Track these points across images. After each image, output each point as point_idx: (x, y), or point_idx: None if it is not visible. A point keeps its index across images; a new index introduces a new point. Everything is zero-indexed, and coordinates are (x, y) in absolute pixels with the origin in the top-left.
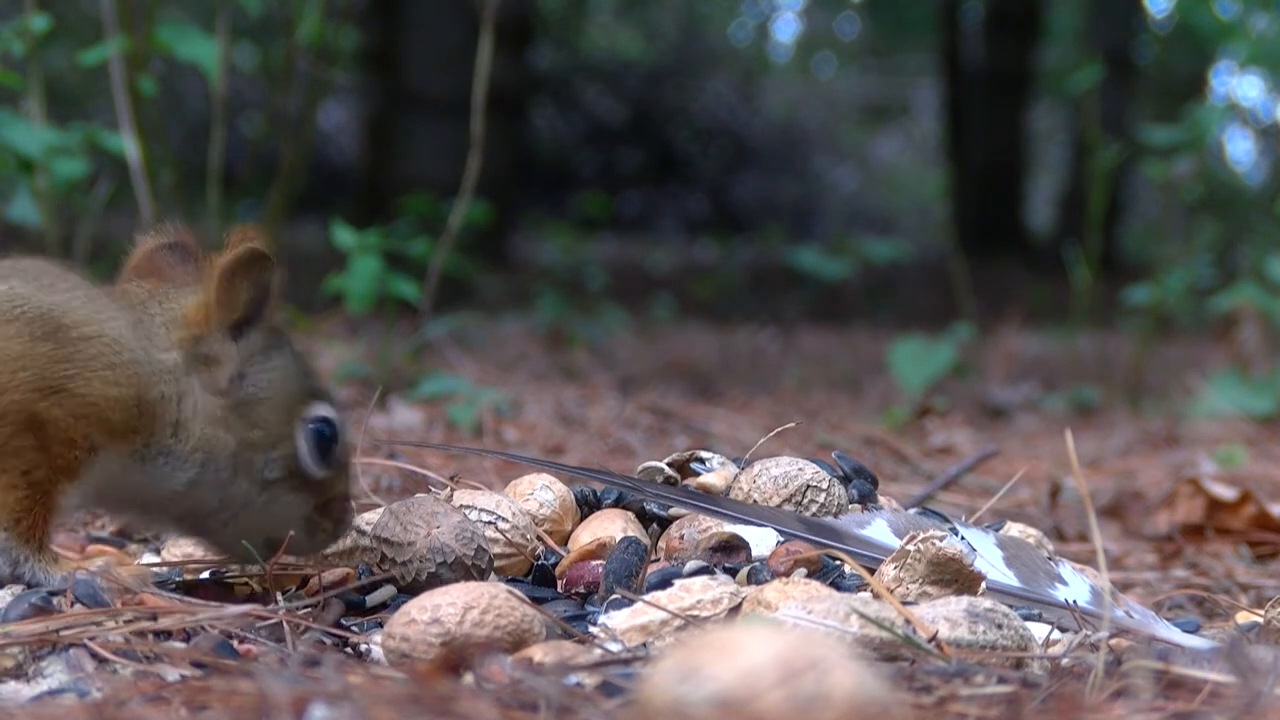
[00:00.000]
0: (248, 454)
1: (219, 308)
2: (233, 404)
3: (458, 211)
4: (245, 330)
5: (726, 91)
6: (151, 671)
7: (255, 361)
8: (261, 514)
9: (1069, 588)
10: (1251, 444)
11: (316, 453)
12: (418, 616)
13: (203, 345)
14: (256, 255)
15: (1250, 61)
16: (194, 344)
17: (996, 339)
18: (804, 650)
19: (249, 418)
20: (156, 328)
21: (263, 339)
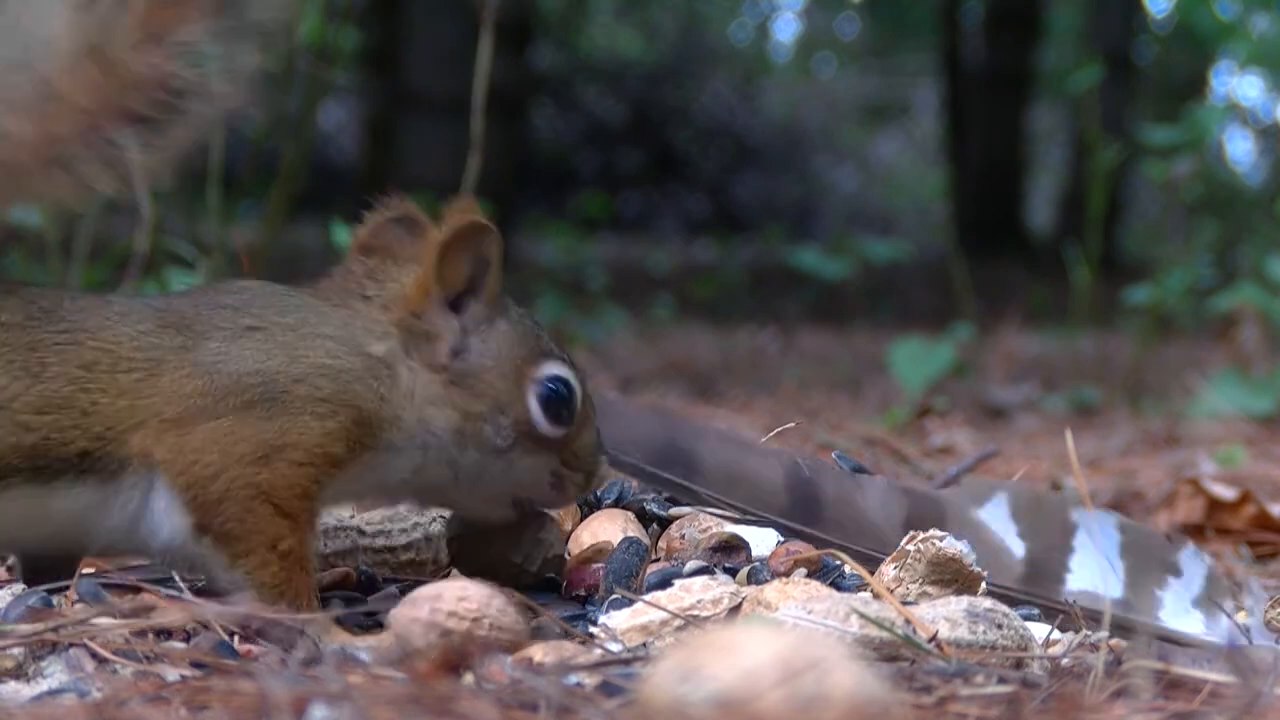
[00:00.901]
0: (474, 425)
1: (438, 282)
2: (454, 378)
3: None
4: (466, 302)
5: (726, 91)
6: (151, 671)
7: (477, 332)
8: (501, 479)
9: (1181, 580)
10: (1251, 444)
11: (548, 413)
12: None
13: (421, 322)
14: (475, 227)
15: (1250, 61)
16: (412, 321)
17: (996, 339)
18: (804, 650)
19: (472, 389)
20: (372, 314)
21: (484, 309)
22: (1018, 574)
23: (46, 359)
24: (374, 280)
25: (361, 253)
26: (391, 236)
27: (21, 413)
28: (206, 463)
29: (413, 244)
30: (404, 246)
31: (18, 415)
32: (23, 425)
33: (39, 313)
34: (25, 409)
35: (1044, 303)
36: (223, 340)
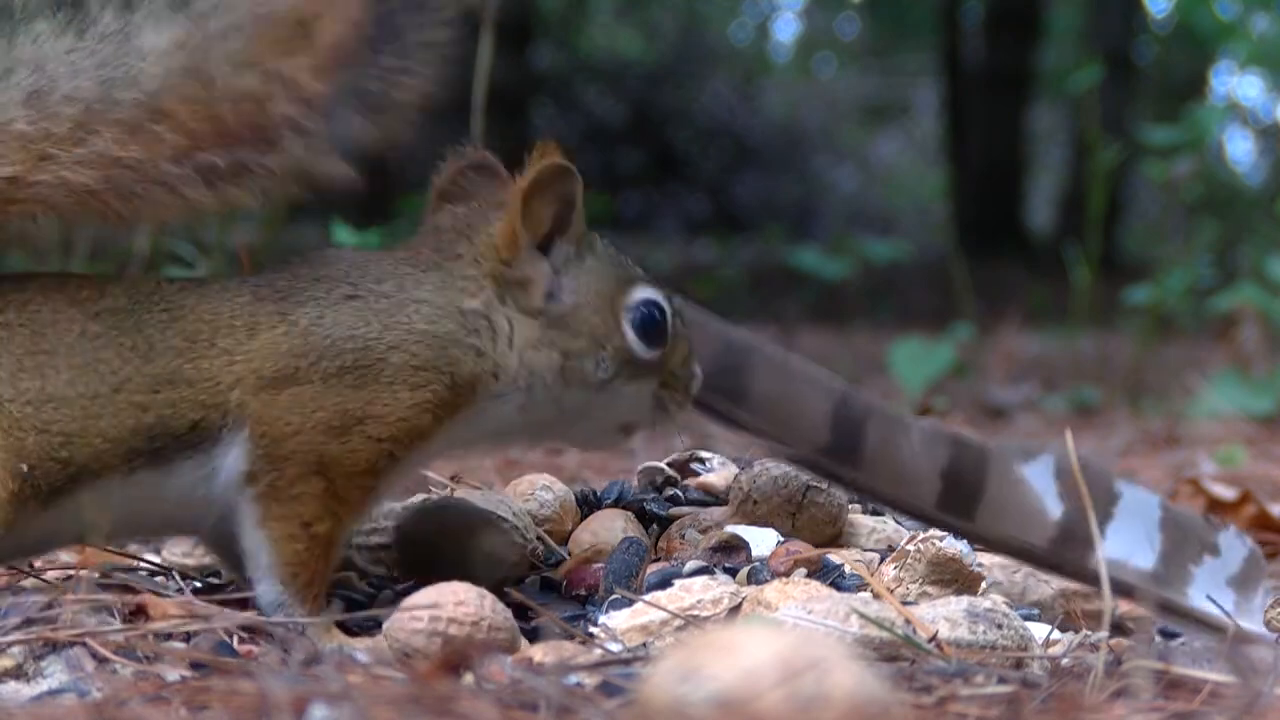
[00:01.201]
0: (575, 363)
1: (525, 228)
2: (551, 320)
3: None
4: (553, 244)
5: (726, 91)
6: (151, 671)
7: (567, 271)
8: (606, 410)
9: (1218, 559)
10: (1251, 444)
11: (644, 337)
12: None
13: (514, 269)
14: (556, 169)
15: (1250, 61)
16: (503, 270)
17: (996, 339)
18: (804, 650)
19: (570, 328)
20: (466, 268)
21: (571, 248)
22: (1050, 535)
23: (153, 338)
24: (462, 236)
25: (440, 199)
26: (468, 183)
27: (136, 393)
28: (287, 421)
29: (489, 190)
30: (481, 192)
31: (133, 396)
32: (139, 406)
33: (142, 296)
34: (139, 389)
35: (1044, 303)
36: (320, 306)
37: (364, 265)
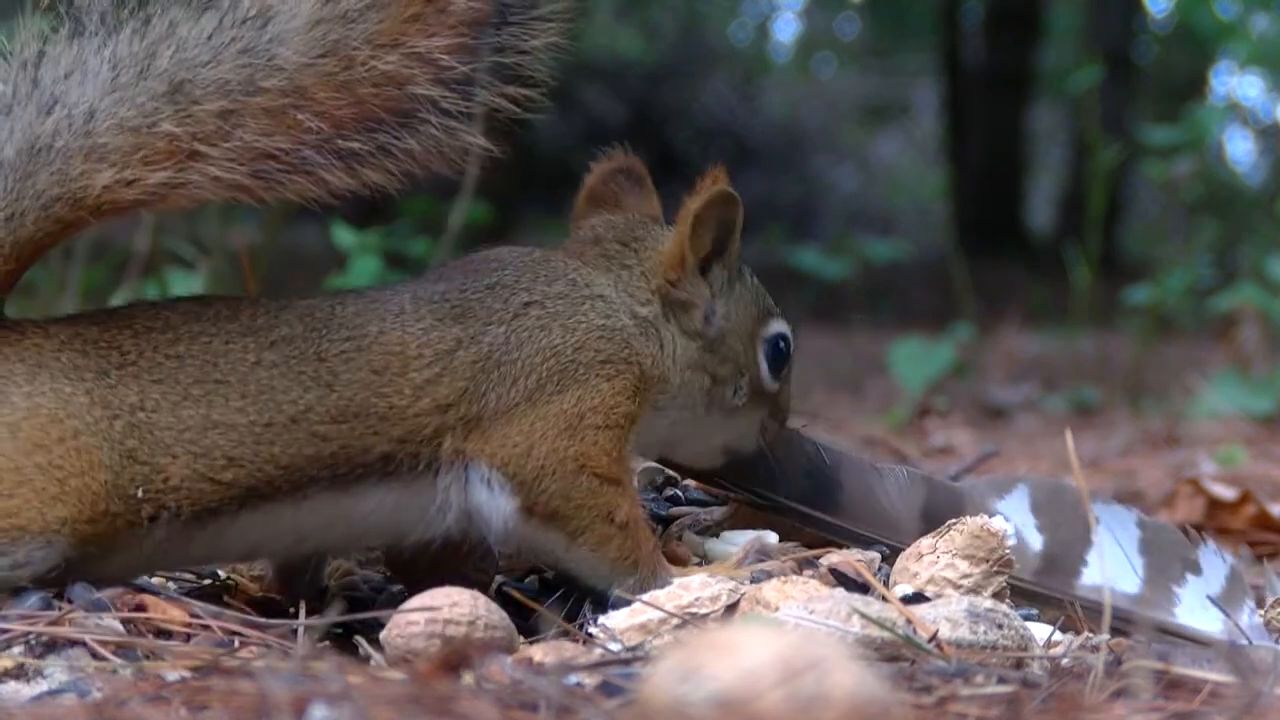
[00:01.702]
0: (719, 388)
1: (691, 250)
2: (706, 343)
3: (458, 211)
4: (711, 267)
5: (726, 91)
6: (151, 671)
7: (720, 296)
8: (726, 433)
9: (1201, 578)
10: (1251, 444)
11: (773, 369)
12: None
13: (678, 290)
14: (724, 195)
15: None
16: (671, 290)
17: (996, 339)
18: (804, 650)
19: (719, 353)
20: (635, 280)
21: (726, 274)
22: (1034, 567)
23: (336, 368)
24: (629, 248)
25: (590, 201)
26: (617, 186)
27: (319, 423)
28: (514, 444)
29: (637, 197)
30: (629, 199)
31: (315, 426)
32: (320, 436)
33: (318, 323)
34: (322, 419)
35: (1044, 303)
36: (502, 324)
37: (533, 267)
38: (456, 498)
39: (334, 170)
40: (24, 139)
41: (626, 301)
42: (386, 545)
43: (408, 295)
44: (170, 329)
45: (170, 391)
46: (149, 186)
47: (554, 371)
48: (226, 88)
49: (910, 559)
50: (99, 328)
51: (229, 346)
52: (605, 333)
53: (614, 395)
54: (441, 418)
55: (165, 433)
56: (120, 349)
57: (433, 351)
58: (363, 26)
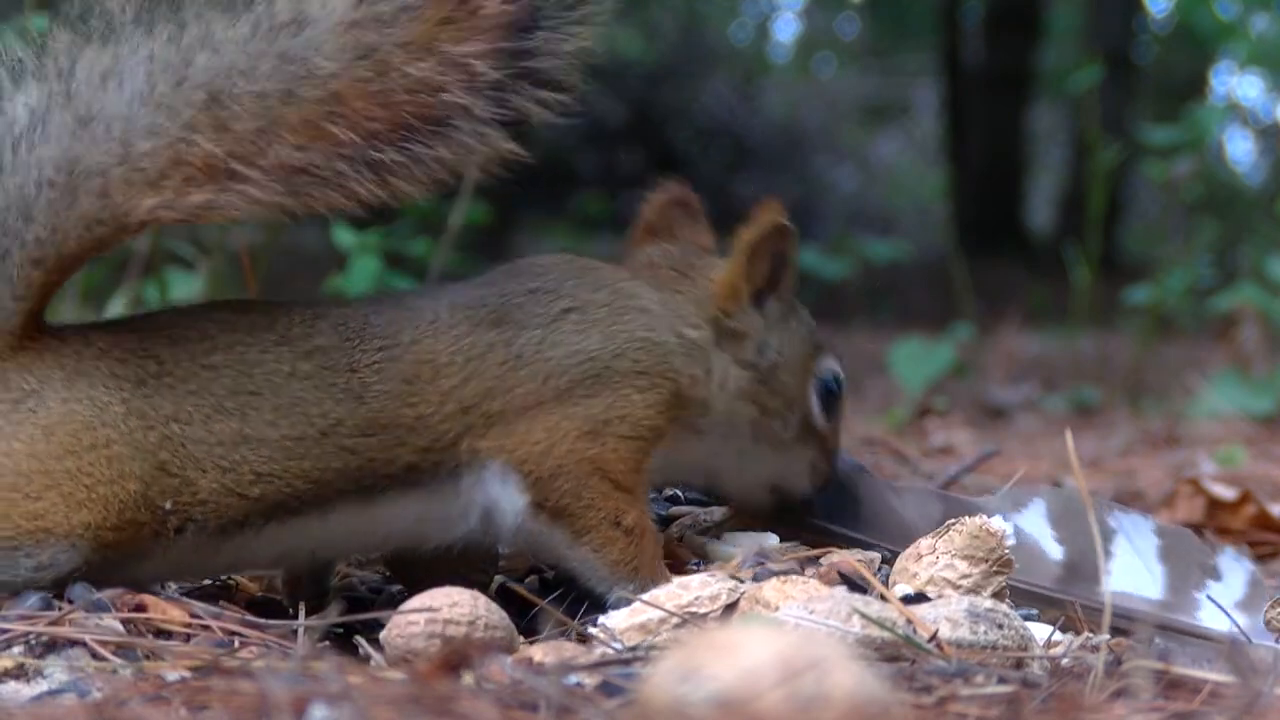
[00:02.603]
0: (768, 421)
1: (745, 280)
2: (758, 375)
3: (458, 211)
4: (765, 299)
5: (726, 91)
6: (151, 671)
7: (774, 329)
8: (774, 468)
9: (1221, 584)
10: (1251, 444)
11: (825, 407)
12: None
13: (731, 320)
14: (778, 227)
15: (1250, 61)
16: (723, 320)
17: (996, 339)
18: (804, 650)
19: (770, 385)
20: (687, 306)
21: (780, 307)
22: (1055, 575)
23: (367, 379)
24: (683, 276)
25: (646, 233)
26: (672, 217)
27: (348, 437)
28: (535, 440)
29: (690, 227)
30: (683, 229)
31: (344, 440)
32: (348, 449)
33: (351, 333)
34: (351, 433)
35: (1044, 303)
36: (539, 327)
37: (579, 274)
38: (479, 496)
39: (365, 182)
40: (62, 156)
41: (673, 320)
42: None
43: (445, 302)
44: (206, 338)
45: (204, 403)
46: (190, 208)
47: (588, 375)
48: (264, 99)
49: (910, 559)
50: (137, 335)
51: (264, 356)
52: (645, 345)
53: (644, 408)
54: (464, 419)
55: (197, 446)
56: (157, 358)
57: (464, 358)
58: (396, 31)
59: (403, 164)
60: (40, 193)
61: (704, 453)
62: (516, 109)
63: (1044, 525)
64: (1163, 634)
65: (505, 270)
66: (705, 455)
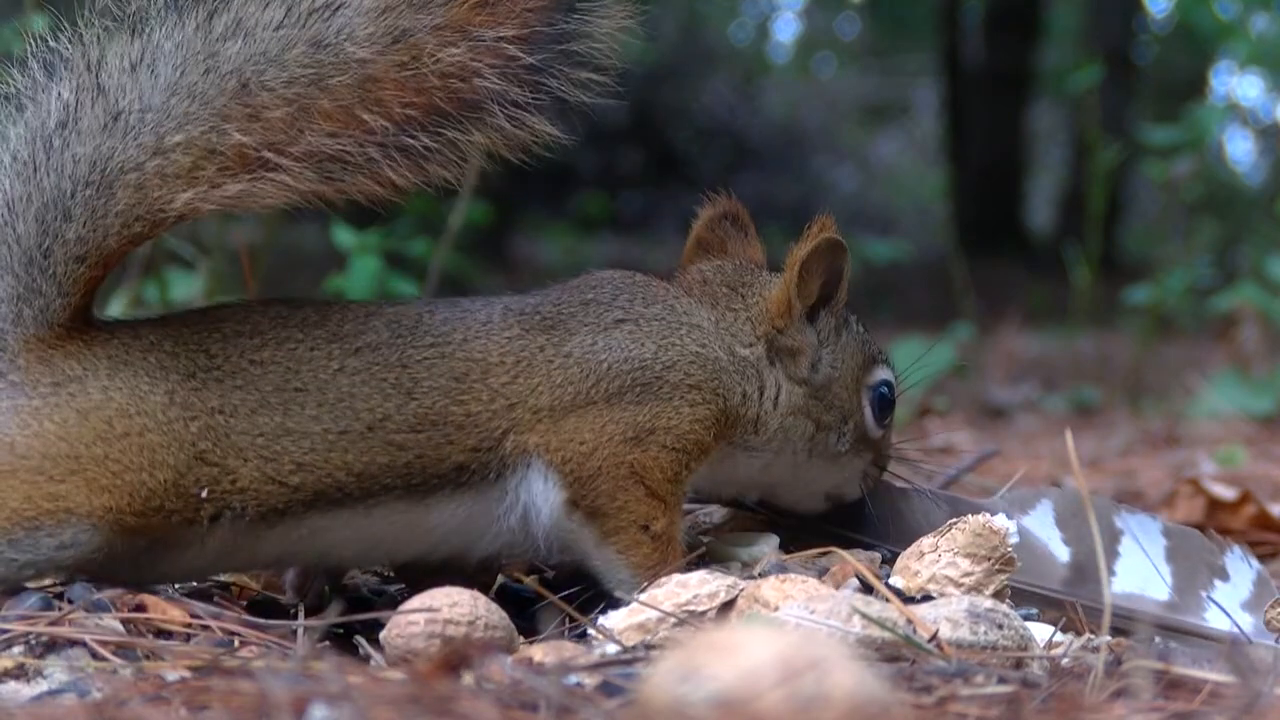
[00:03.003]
0: (823, 435)
1: (798, 296)
2: (812, 390)
3: (458, 211)
4: (818, 314)
5: (726, 91)
6: (151, 671)
7: (828, 343)
8: (828, 478)
9: (1228, 584)
10: (1251, 444)
11: (878, 416)
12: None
13: (785, 337)
14: (832, 244)
15: (1250, 61)
16: (778, 336)
17: (996, 339)
18: (804, 650)
19: (825, 400)
20: (740, 324)
21: (833, 322)
22: (1062, 576)
23: (418, 375)
24: (736, 292)
25: (698, 248)
26: (723, 232)
27: (396, 432)
28: (581, 440)
29: (740, 242)
30: (732, 243)
31: (392, 435)
32: (396, 445)
33: (404, 330)
34: (400, 428)
35: (1044, 303)
36: (591, 333)
37: (632, 289)
38: (522, 494)
39: (399, 168)
40: (96, 153)
41: (726, 339)
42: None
43: (499, 307)
44: (258, 334)
45: (249, 398)
46: (225, 199)
47: (639, 383)
48: (294, 85)
49: (911, 558)
50: (190, 329)
51: (313, 353)
52: (698, 360)
53: (691, 422)
54: (511, 414)
55: (240, 437)
56: (208, 352)
57: (514, 358)
58: (429, 15)
59: (436, 149)
60: (77, 191)
61: (759, 469)
62: (554, 91)
63: (1051, 527)
64: (1165, 634)
65: (561, 284)
66: (760, 471)
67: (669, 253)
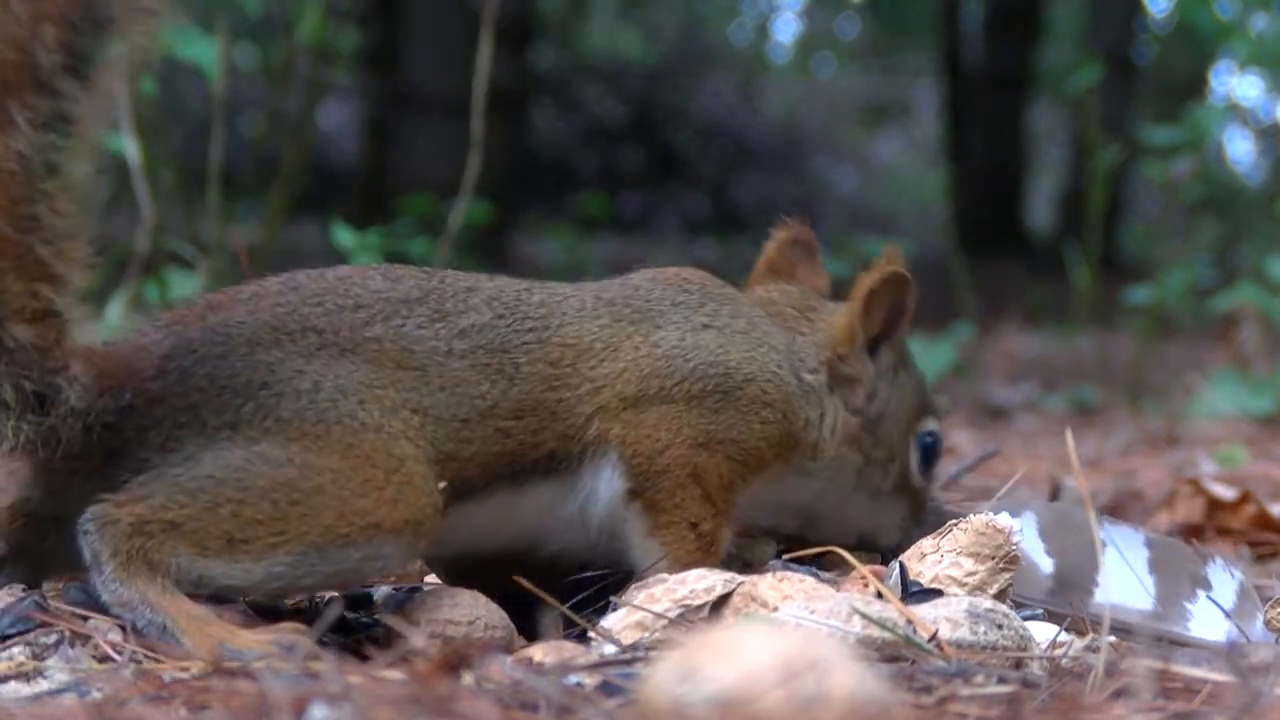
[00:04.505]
0: (870, 470)
1: (862, 327)
2: (865, 422)
3: (458, 211)
4: (879, 348)
5: (726, 91)
6: (151, 671)
7: (885, 379)
8: (869, 517)
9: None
10: (1251, 444)
11: (924, 466)
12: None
13: (846, 365)
14: (897, 277)
15: (1250, 61)
16: (839, 364)
17: (996, 339)
18: (804, 650)
19: (876, 434)
20: (806, 348)
21: (893, 357)
22: (1046, 587)
23: (519, 360)
24: (803, 316)
25: (768, 270)
26: (793, 257)
27: (503, 418)
28: (656, 438)
29: (808, 267)
30: (800, 268)
31: (500, 421)
32: (503, 431)
33: (504, 309)
34: (505, 414)
35: (1044, 303)
36: (680, 330)
37: (719, 299)
38: (591, 481)
39: None
40: None
41: (794, 361)
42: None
43: (590, 294)
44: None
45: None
46: None
47: (720, 389)
48: None
49: (912, 559)
50: None
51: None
52: (775, 380)
53: (760, 439)
54: (597, 399)
55: None
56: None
57: (604, 344)
58: None
59: None
60: None
61: (809, 495)
62: None
63: (1035, 539)
64: (1158, 641)
65: (650, 276)
66: (810, 498)
67: (669, 252)
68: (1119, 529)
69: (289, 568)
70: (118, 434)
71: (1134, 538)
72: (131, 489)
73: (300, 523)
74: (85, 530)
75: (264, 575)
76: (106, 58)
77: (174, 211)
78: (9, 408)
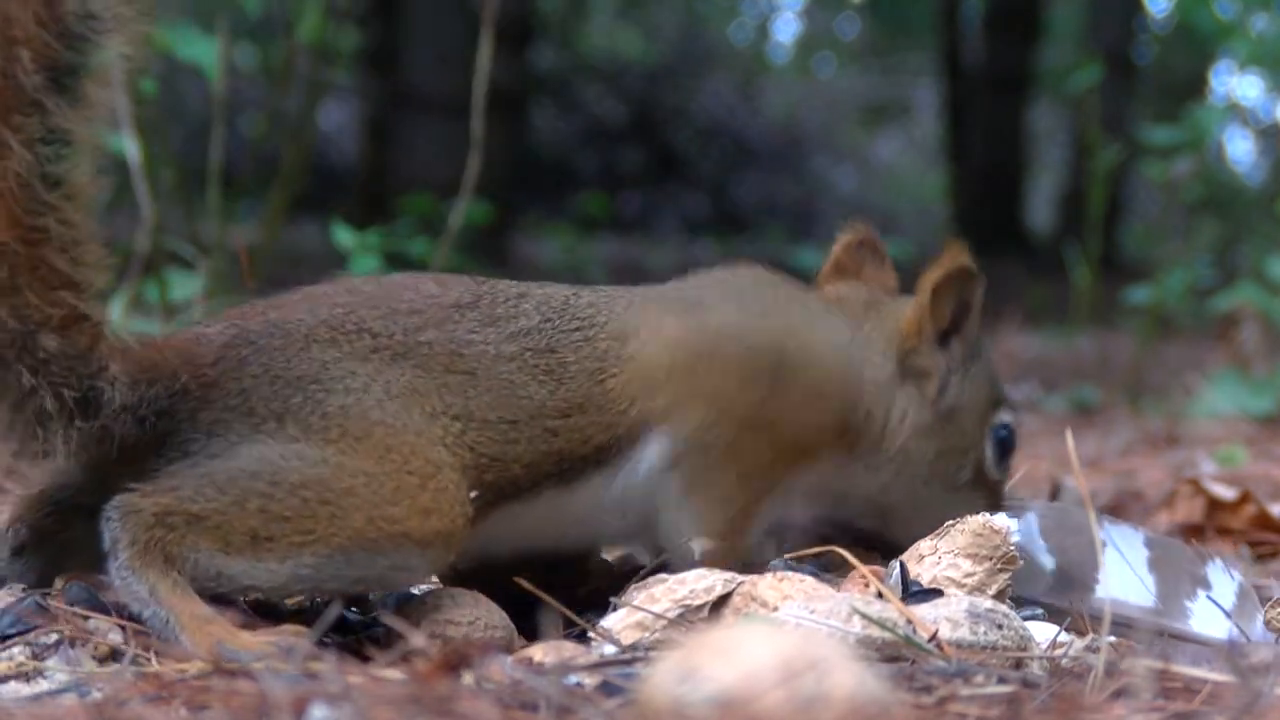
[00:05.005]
0: (944, 462)
1: (930, 319)
2: (939, 414)
3: (458, 211)
4: (949, 341)
5: (726, 91)
6: (151, 671)
7: (957, 371)
8: (943, 512)
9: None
10: (1251, 444)
11: (999, 458)
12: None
13: (916, 358)
14: (963, 270)
15: (1250, 61)
16: (908, 357)
17: (996, 339)
18: (804, 650)
19: (949, 427)
20: (875, 342)
21: (964, 349)
22: (1047, 584)
23: (566, 359)
24: (871, 312)
25: (835, 271)
26: (860, 258)
27: (550, 419)
28: (703, 414)
29: (874, 267)
30: (866, 268)
31: (547, 422)
32: (551, 431)
33: (552, 313)
34: (552, 414)
35: (1044, 303)
36: (734, 314)
37: (774, 290)
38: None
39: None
40: None
41: (859, 355)
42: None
43: (639, 293)
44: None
45: None
46: None
47: (771, 376)
48: None
49: (910, 560)
50: None
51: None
52: (833, 371)
53: (808, 428)
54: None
55: None
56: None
57: (650, 331)
58: None
59: None
60: None
61: (877, 489)
62: None
63: (1036, 539)
64: (1159, 639)
65: (703, 275)
66: (879, 492)
67: (669, 252)
68: (1119, 529)
69: (313, 570)
70: (171, 418)
71: (1134, 538)
72: (160, 479)
73: (329, 524)
74: (109, 517)
75: (288, 576)
76: (90, 69)
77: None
78: (54, 418)
